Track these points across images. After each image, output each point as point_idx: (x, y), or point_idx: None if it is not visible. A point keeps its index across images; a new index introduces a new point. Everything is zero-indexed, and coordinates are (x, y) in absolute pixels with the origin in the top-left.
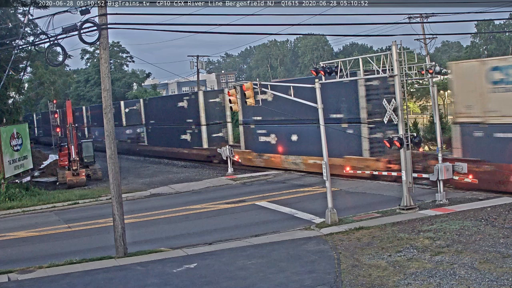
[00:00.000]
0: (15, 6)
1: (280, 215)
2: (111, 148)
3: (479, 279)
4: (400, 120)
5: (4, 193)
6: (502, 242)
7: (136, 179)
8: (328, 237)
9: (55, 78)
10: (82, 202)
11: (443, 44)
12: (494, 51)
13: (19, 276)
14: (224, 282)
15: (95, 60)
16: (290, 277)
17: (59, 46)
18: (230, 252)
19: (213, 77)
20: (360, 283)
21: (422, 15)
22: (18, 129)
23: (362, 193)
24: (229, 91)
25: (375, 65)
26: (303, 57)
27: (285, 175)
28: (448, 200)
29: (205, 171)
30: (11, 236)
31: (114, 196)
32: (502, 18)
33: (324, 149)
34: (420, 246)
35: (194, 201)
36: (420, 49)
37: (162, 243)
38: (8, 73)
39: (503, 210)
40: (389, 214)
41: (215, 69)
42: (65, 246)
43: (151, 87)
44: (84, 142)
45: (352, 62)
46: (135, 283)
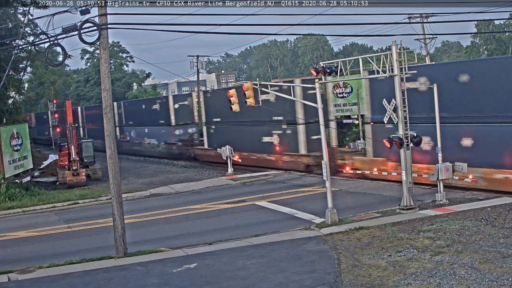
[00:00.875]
0: (15, 6)
1: (280, 215)
2: (111, 148)
3: (479, 279)
4: (400, 120)
5: (4, 193)
6: (502, 242)
7: (136, 179)
8: (328, 237)
9: (55, 78)
10: (82, 202)
11: (443, 44)
12: (494, 51)
13: (19, 276)
14: (224, 282)
15: (95, 60)
16: (290, 277)
17: (59, 46)
18: (230, 252)
19: (213, 77)
20: (360, 283)
21: (422, 15)
22: (18, 129)
23: (362, 193)
24: (229, 91)
25: (375, 65)
26: (303, 57)
27: (285, 175)
28: (448, 200)
29: (205, 171)
30: (11, 236)
31: (114, 196)
32: (502, 18)
33: (324, 149)
34: (420, 246)
35: (194, 201)
36: (420, 49)
37: (162, 243)
38: (8, 73)
39: (503, 210)
40: (389, 214)
41: (215, 69)
42: (65, 246)
43: (151, 87)
44: (84, 142)
45: (352, 62)
46: (135, 283)
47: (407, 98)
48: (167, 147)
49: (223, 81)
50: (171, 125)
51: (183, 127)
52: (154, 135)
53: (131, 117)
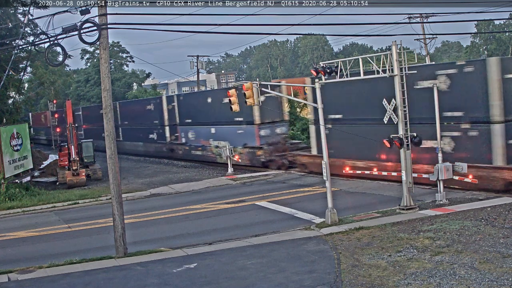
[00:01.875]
0: (15, 6)
1: (280, 215)
2: (111, 148)
3: (479, 279)
4: (400, 120)
5: (4, 193)
6: (502, 242)
7: (136, 179)
8: (328, 237)
9: (55, 78)
10: (82, 202)
11: (443, 44)
12: (494, 51)
13: (19, 276)
14: (224, 282)
15: (95, 60)
16: (290, 277)
17: (59, 46)
18: (230, 252)
19: (213, 77)
20: (360, 283)
21: (422, 15)
22: (18, 129)
23: (362, 193)
24: (229, 91)
25: (375, 65)
26: (303, 57)
27: (285, 175)
28: (448, 200)
29: (205, 171)
30: (11, 236)
31: (114, 196)
32: (502, 18)
33: (324, 149)
34: (420, 246)
35: (194, 201)
36: (420, 49)
37: (162, 243)
38: (8, 73)
39: (503, 210)
40: (389, 214)
41: (215, 69)
42: (65, 246)
43: (151, 87)
44: (84, 142)
45: (352, 62)
46: (135, 283)
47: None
48: (247, 152)
49: (223, 81)
50: (254, 123)
51: (270, 126)
52: (226, 136)
53: (188, 114)
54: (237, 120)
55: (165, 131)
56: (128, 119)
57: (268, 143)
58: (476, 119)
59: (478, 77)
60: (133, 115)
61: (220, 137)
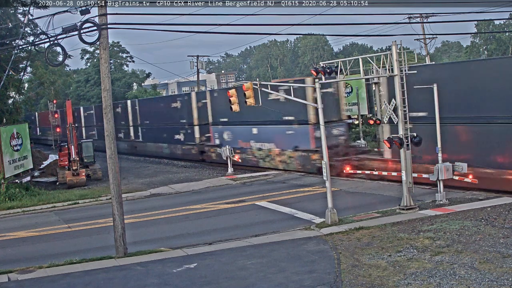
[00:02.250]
0: (15, 6)
1: (280, 215)
2: (111, 148)
3: (479, 279)
4: (400, 120)
5: (4, 193)
6: (502, 242)
7: (136, 179)
8: (328, 237)
9: (55, 78)
10: (82, 202)
11: (443, 44)
12: (494, 51)
13: (19, 276)
14: (224, 282)
15: (95, 60)
16: (290, 277)
17: (59, 46)
18: (230, 252)
19: (213, 77)
20: (360, 283)
21: (422, 15)
22: (18, 129)
23: (362, 193)
24: (229, 91)
25: (375, 65)
26: (303, 57)
27: (285, 175)
28: (448, 200)
29: (205, 171)
30: (11, 236)
31: (114, 196)
32: (502, 18)
33: (324, 148)
34: (420, 246)
35: (194, 201)
36: (420, 49)
37: (162, 243)
38: (8, 73)
39: (503, 210)
40: (389, 214)
41: (215, 69)
42: (65, 246)
43: (151, 87)
44: (84, 142)
45: (352, 62)
46: (135, 283)
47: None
48: (299, 156)
49: (223, 81)
50: (308, 123)
51: (327, 127)
52: (271, 138)
53: (224, 112)
54: (287, 120)
55: (194, 131)
56: (150, 118)
57: (330, 145)
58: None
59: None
60: (155, 114)
61: (263, 139)
